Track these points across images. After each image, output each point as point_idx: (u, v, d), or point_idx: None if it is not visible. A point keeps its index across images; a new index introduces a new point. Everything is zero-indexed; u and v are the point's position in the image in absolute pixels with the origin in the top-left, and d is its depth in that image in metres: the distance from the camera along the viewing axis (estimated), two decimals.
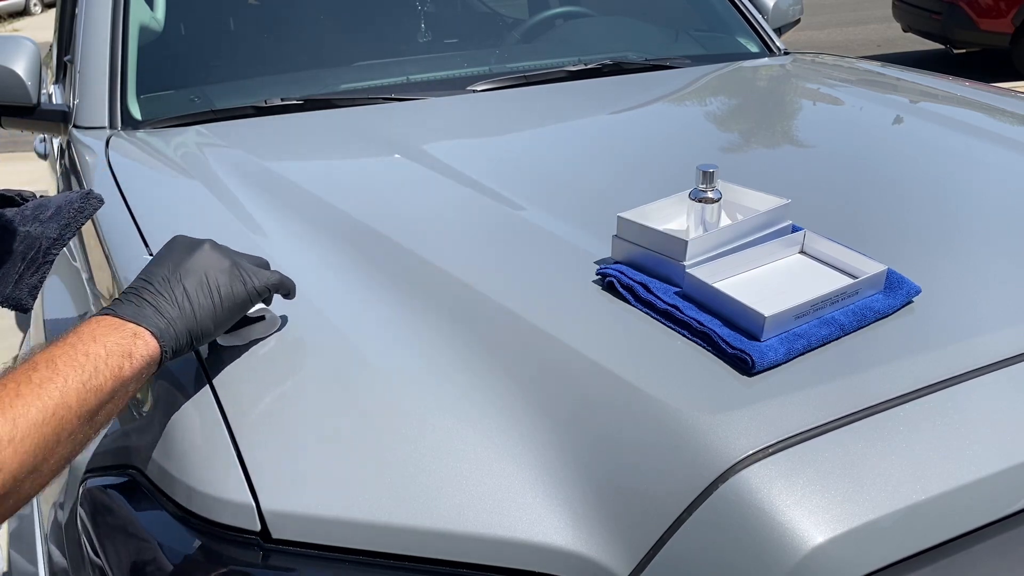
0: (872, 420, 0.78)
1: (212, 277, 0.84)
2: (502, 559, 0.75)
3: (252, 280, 0.86)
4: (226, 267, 0.85)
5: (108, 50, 1.80)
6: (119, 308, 0.79)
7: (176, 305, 0.81)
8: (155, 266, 0.84)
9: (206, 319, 0.82)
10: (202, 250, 0.86)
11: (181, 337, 0.80)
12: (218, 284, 0.84)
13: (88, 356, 0.73)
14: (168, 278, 0.82)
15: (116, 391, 0.74)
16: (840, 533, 0.70)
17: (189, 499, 0.78)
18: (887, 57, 8.29)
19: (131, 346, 0.76)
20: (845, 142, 1.55)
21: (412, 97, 1.82)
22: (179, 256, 0.85)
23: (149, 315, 0.79)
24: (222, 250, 0.87)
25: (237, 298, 0.85)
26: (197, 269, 0.84)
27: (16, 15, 18.49)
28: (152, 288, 0.81)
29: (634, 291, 0.95)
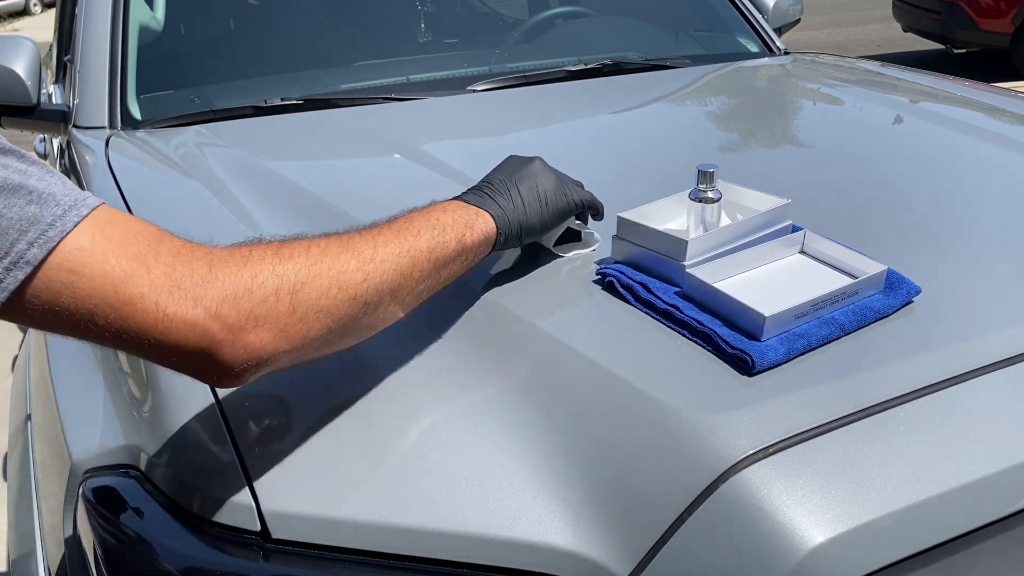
0: (872, 420, 0.78)
1: (541, 185, 0.97)
2: (502, 559, 0.75)
3: (572, 194, 1.00)
4: (552, 179, 0.99)
5: (108, 50, 1.80)
6: (465, 196, 0.93)
7: (511, 201, 0.94)
8: (494, 172, 0.98)
9: (534, 217, 0.95)
10: (534, 163, 0.99)
11: (513, 227, 0.93)
12: (545, 191, 0.97)
13: (438, 220, 0.86)
14: (505, 180, 0.96)
15: (459, 253, 0.87)
16: (840, 533, 0.70)
17: (189, 499, 0.78)
18: (887, 57, 8.29)
19: (473, 220, 0.89)
20: (845, 142, 1.55)
21: (412, 97, 1.82)
22: (515, 165, 0.99)
23: (491, 204, 0.92)
24: (549, 167, 1.01)
25: (560, 204, 0.98)
26: (529, 177, 0.97)
27: (16, 15, 18.50)
28: (492, 186, 0.95)
29: (634, 291, 0.95)
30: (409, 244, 0.82)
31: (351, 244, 0.78)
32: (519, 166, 0.99)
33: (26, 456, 1.25)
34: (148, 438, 0.86)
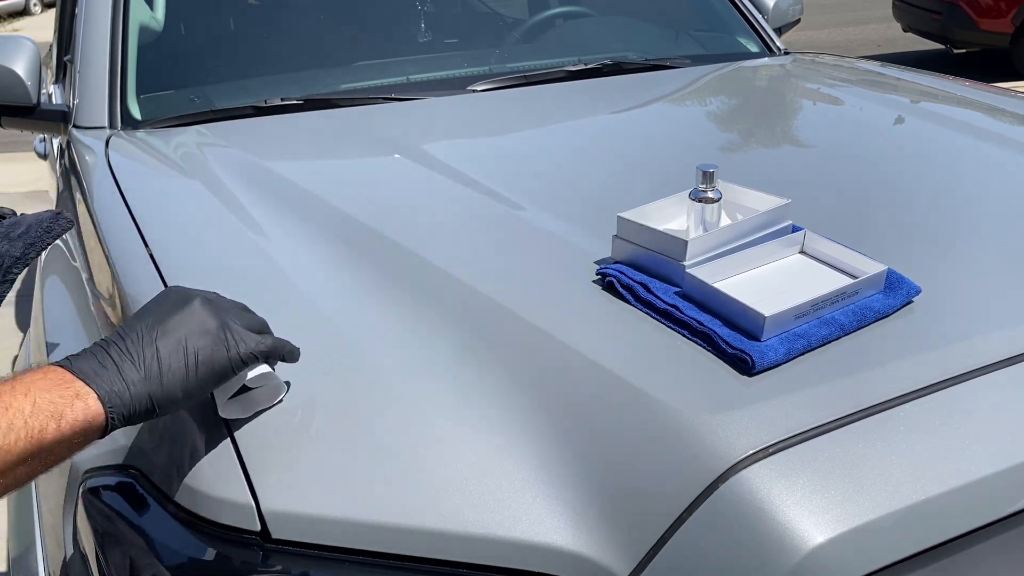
0: (872, 420, 0.78)
1: (193, 340, 0.76)
2: (502, 559, 0.75)
3: (238, 346, 0.77)
4: (212, 328, 0.77)
5: (108, 50, 1.80)
6: (76, 361, 0.73)
7: (142, 367, 0.73)
8: (136, 319, 0.78)
9: (174, 385, 0.74)
10: (190, 307, 0.78)
11: (139, 402, 0.72)
12: (197, 348, 0.76)
13: (8, 409, 0.67)
14: (143, 335, 0.75)
15: (31, 454, 0.67)
16: (840, 533, 0.70)
17: (189, 499, 0.78)
18: (887, 57, 8.29)
19: (65, 407, 0.69)
20: (845, 142, 1.55)
21: (412, 97, 1.82)
22: (163, 312, 0.78)
23: (106, 376, 0.72)
24: (213, 308, 0.79)
25: (215, 364, 0.76)
26: (177, 328, 0.76)
27: (16, 15, 18.49)
28: (122, 345, 0.75)
29: (634, 291, 0.95)
30: None
31: None
32: (168, 311, 0.78)
33: None
34: (148, 438, 0.86)
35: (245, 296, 1.04)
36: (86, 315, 1.18)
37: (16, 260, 0.89)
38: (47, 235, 0.92)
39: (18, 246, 0.90)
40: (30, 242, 0.90)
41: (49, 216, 0.94)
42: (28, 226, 0.92)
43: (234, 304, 0.83)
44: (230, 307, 0.82)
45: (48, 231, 0.92)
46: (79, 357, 0.73)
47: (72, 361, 0.73)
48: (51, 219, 0.94)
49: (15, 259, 0.89)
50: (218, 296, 0.83)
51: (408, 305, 0.99)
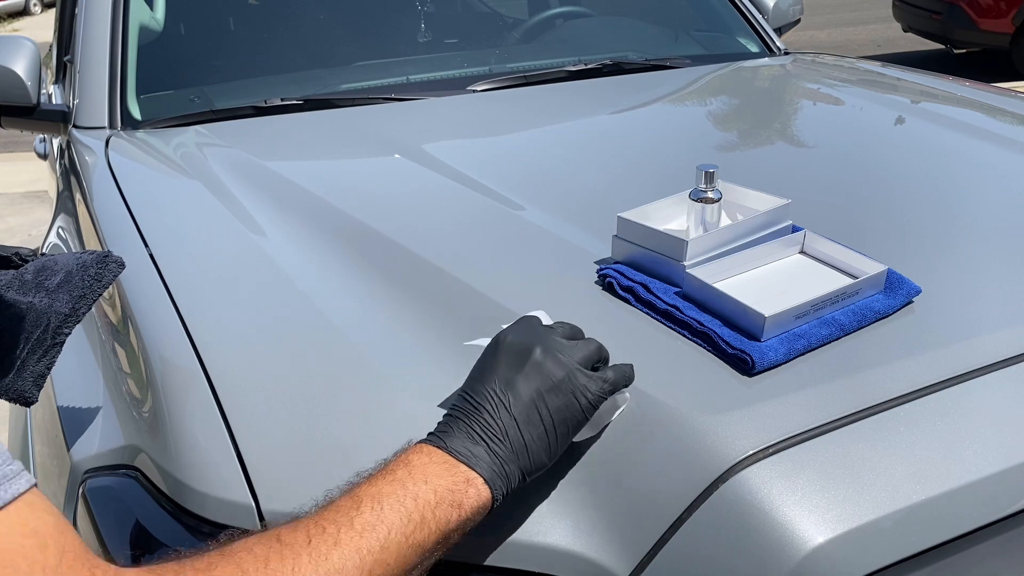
0: (872, 420, 0.78)
1: (545, 401, 0.73)
2: (502, 559, 0.75)
3: (586, 395, 0.75)
4: (558, 381, 0.74)
5: (108, 50, 1.80)
6: (449, 441, 0.71)
7: (509, 441, 0.71)
8: (481, 381, 0.74)
9: (540, 454, 0.72)
10: (532, 361, 0.74)
11: (513, 478, 0.71)
12: (551, 410, 0.73)
13: (417, 501, 0.66)
14: (498, 405, 0.72)
15: (439, 544, 0.67)
16: (840, 533, 0.70)
17: (189, 499, 0.78)
18: (887, 57, 8.29)
19: (463, 495, 0.68)
20: (845, 142, 1.55)
21: (412, 97, 1.82)
22: (508, 370, 0.74)
23: (482, 456, 0.70)
24: (553, 356, 0.75)
25: (571, 421, 0.74)
26: (527, 388, 0.73)
27: (16, 15, 18.49)
28: (482, 419, 0.72)
29: (634, 291, 0.95)
30: (374, 557, 0.63)
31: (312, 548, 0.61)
32: (513, 369, 0.74)
33: (26, 456, 1.25)
34: (148, 438, 0.86)
35: (245, 296, 1.04)
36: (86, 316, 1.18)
37: (65, 318, 0.76)
38: (97, 284, 0.78)
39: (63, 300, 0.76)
40: (78, 295, 0.77)
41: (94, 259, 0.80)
42: (67, 273, 0.78)
43: (560, 333, 0.80)
44: (562, 345, 0.77)
45: (98, 279, 0.79)
46: (448, 435, 0.71)
47: (445, 440, 0.71)
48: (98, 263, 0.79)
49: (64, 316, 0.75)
50: (547, 332, 0.78)
51: (408, 305, 0.99)
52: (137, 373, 0.95)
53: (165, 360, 0.92)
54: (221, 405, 0.84)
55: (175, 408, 0.85)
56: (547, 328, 0.80)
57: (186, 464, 0.80)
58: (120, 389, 0.98)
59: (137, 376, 0.95)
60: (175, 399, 0.86)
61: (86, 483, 0.90)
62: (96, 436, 0.94)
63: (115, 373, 1.02)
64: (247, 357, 0.92)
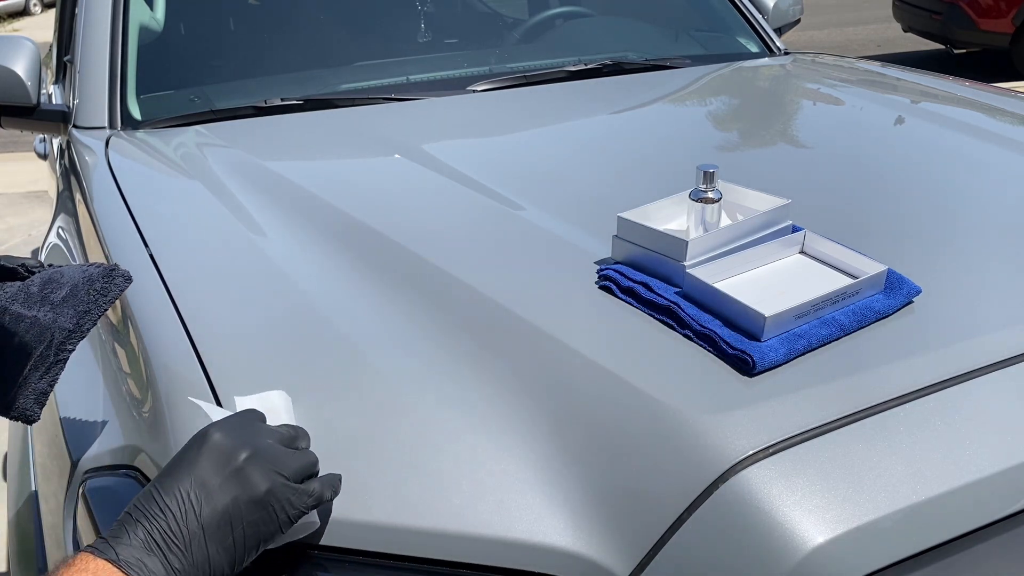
0: (872, 420, 0.78)
1: (243, 513, 0.67)
2: (502, 559, 0.75)
3: (288, 509, 0.69)
4: (259, 495, 0.68)
5: (108, 50, 1.80)
6: (122, 550, 0.64)
7: (191, 553, 0.65)
8: (174, 479, 0.68)
9: (223, 567, 0.66)
10: (236, 467, 0.68)
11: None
12: (244, 523, 0.67)
13: None
14: (187, 509, 0.66)
15: None
16: (840, 533, 0.70)
17: None
18: (887, 57, 8.29)
19: None
20: (845, 142, 1.55)
21: (412, 97, 1.82)
22: (207, 474, 0.67)
23: (156, 569, 0.63)
24: (261, 463, 0.69)
25: (263, 536, 0.69)
26: (225, 500, 0.67)
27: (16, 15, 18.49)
28: (165, 525, 0.65)
29: (634, 292, 0.95)
30: None
31: None
32: (211, 473, 0.67)
33: (26, 456, 1.25)
34: (148, 438, 0.86)
35: (245, 296, 1.04)
36: None
37: (69, 334, 0.74)
38: (103, 298, 0.77)
39: (68, 315, 0.74)
40: (83, 310, 0.75)
41: (100, 272, 0.78)
42: (72, 287, 0.76)
43: (277, 437, 0.73)
44: (274, 452, 0.71)
45: (103, 293, 0.77)
46: (120, 543, 0.64)
47: (116, 550, 0.64)
48: (104, 277, 0.78)
49: (68, 332, 0.74)
50: (261, 434, 0.72)
51: (408, 306, 0.99)
52: (137, 373, 0.95)
53: (165, 360, 0.92)
54: (221, 405, 0.84)
55: (175, 408, 0.85)
56: (264, 428, 0.73)
57: None
58: (120, 389, 0.98)
59: (137, 376, 0.95)
60: (175, 399, 0.86)
61: (86, 483, 0.90)
62: (96, 436, 0.94)
63: (115, 373, 1.02)
64: (247, 357, 0.92)
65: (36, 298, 0.75)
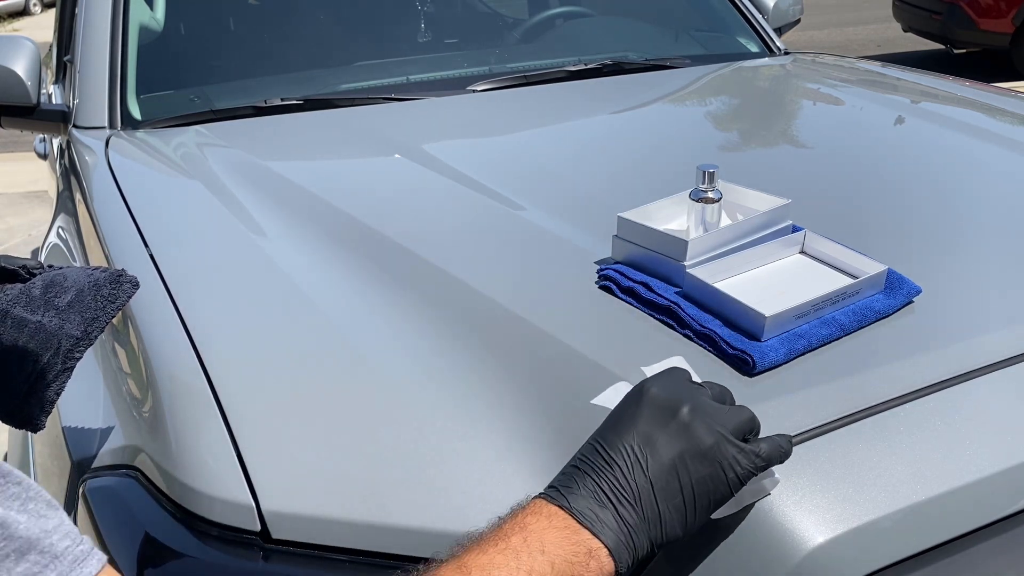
0: (872, 420, 0.78)
1: (690, 468, 0.65)
2: None
3: (734, 468, 0.66)
4: (706, 448, 0.66)
5: (108, 50, 1.80)
6: (572, 500, 0.64)
7: (641, 507, 0.64)
8: (617, 433, 0.67)
9: (674, 527, 0.65)
10: (678, 420, 0.66)
11: (640, 550, 0.64)
12: (693, 479, 0.65)
13: (531, 574, 0.60)
14: (632, 462, 0.65)
15: None
16: (840, 533, 0.70)
17: (189, 499, 0.78)
18: (887, 57, 8.29)
19: (583, 568, 0.61)
20: (845, 142, 1.55)
21: (412, 97, 1.82)
22: (649, 425, 0.66)
23: (608, 522, 0.63)
24: (704, 418, 0.67)
25: (715, 495, 0.66)
26: (672, 453, 0.65)
27: (16, 15, 18.49)
28: (612, 477, 0.64)
29: (634, 292, 0.95)
30: None
31: None
32: (656, 425, 0.67)
33: (26, 456, 1.25)
34: (148, 438, 0.86)
35: (245, 296, 1.04)
36: None
37: (77, 341, 0.72)
38: (111, 305, 0.75)
39: (75, 321, 0.72)
40: (91, 316, 0.73)
41: (107, 278, 0.76)
42: (78, 291, 0.74)
43: (710, 394, 0.71)
44: (713, 408, 0.69)
45: (111, 300, 0.75)
46: (572, 492, 0.64)
47: (568, 499, 0.64)
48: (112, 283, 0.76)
49: (75, 340, 0.72)
50: (697, 391, 0.70)
51: (408, 306, 0.99)
52: (137, 373, 0.95)
53: (165, 360, 0.92)
54: (221, 405, 0.84)
55: (175, 408, 0.85)
56: (697, 386, 0.71)
57: (186, 464, 0.80)
58: (120, 389, 0.98)
59: (137, 376, 0.95)
60: (175, 399, 0.86)
61: (86, 483, 0.90)
62: (96, 436, 0.94)
63: (115, 373, 1.02)
64: (247, 357, 0.92)
65: (39, 302, 0.73)
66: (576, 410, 0.82)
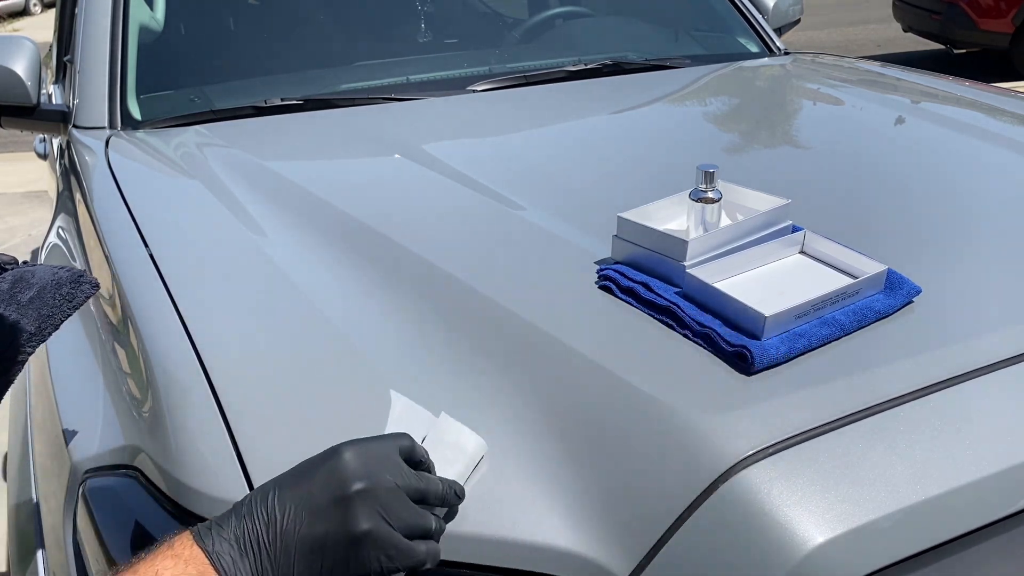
0: (872, 420, 0.78)
1: (330, 545, 0.64)
2: (502, 559, 0.75)
3: (380, 561, 0.65)
4: (355, 534, 0.64)
5: (108, 50, 1.80)
6: (218, 543, 0.64)
7: (278, 566, 0.64)
8: (290, 490, 0.66)
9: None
10: (342, 496, 0.65)
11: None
12: (332, 557, 0.64)
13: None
14: (290, 524, 0.65)
15: None
16: (840, 533, 0.70)
17: (189, 499, 0.78)
18: (887, 57, 8.29)
19: None
20: (845, 142, 1.55)
21: (412, 97, 1.82)
22: (319, 494, 0.65)
23: (244, 572, 0.63)
24: (368, 503, 0.65)
25: None
26: (321, 530, 0.64)
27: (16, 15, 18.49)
28: (266, 530, 0.65)
29: (634, 292, 0.95)
30: None
31: None
32: (321, 495, 0.66)
33: (26, 456, 1.25)
34: (148, 438, 0.86)
35: (245, 296, 1.04)
36: (86, 315, 1.18)
37: (30, 337, 0.73)
38: (67, 304, 0.76)
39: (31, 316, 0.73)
40: (47, 313, 0.75)
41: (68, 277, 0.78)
42: (40, 288, 0.76)
43: (410, 481, 0.69)
44: (391, 496, 0.66)
45: (69, 299, 0.76)
46: (221, 534, 0.64)
47: (214, 541, 0.64)
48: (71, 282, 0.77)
49: (29, 335, 0.73)
50: (390, 470, 0.68)
51: (408, 306, 0.99)
52: (137, 373, 0.95)
53: (165, 360, 0.92)
54: (221, 405, 0.84)
55: (175, 408, 0.85)
56: (399, 467, 0.68)
57: (186, 464, 0.80)
58: (120, 389, 0.98)
59: (137, 376, 0.95)
60: (175, 399, 0.86)
61: (86, 483, 0.90)
62: (96, 436, 0.94)
63: (115, 373, 1.02)
64: (247, 357, 0.92)
65: (5, 295, 0.74)
66: (575, 409, 0.82)
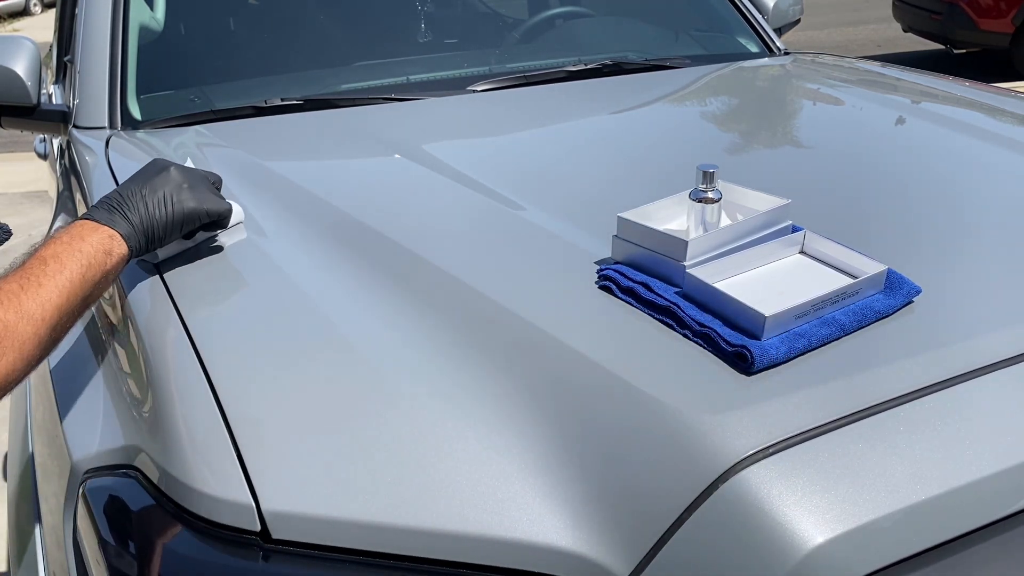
0: (872, 420, 0.78)
1: (171, 194, 1.03)
2: (502, 559, 0.75)
3: (204, 203, 1.05)
4: (185, 186, 1.04)
5: (108, 50, 1.80)
6: (95, 214, 0.98)
7: (139, 214, 0.99)
8: (129, 181, 1.04)
9: (160, 227, 1.01)
10: (168, 172, 1.05)
11: (141, 240, 0.99)
12: (173, 200, 1.02)
13: (81, 252, 0.92)
14: (135, 191, 1.01)
15: (100, 281, 0.93)
16: (840, 533, 0.70)
17: (189, 499, 0.78)
18: (887, 57, 8.29)
19: (109, 245, 0.95)
20: (845, 142, 1.55)
21: (412, 97, 1.82)
22: (149, 173, 1.04)
23: (118, 221, 0.97)
24: (186, 172, 1.06)
25: (187, 212, 1.03)
26: (160, 186, 1.02)
27: (16, 15, 18.49)
28: (121, 198, 1.00)
29: (634, 292, 0.95)
30: (66, 288, 0.89)
31: (25, 289, 0.86)
32: (152, 174, 1.04)
33: (26, 456, 1.25)
34: (148, 438, 0.86)
35: (245, 296, 1.05)
36: (86, 315, 1.18)
37: None
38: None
39: None
40: None
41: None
42: None
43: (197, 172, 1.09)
44: (196, 173, 1.08)
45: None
46: (93, 211, 0.99)
47: (91, 214, 0.98)
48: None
49: None
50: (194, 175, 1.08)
51: (408, 305, 0.99)
52: (137, 373, 0.95)
53: (165, 360, 0.92)
54: (221, 405, 0.84)
55: (175, 408, 0.85)
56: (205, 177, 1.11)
57: (186, 464, 0.80)
58: (120, 389, 0.98)
59: (137, 376, 0.95)
60: (175, 399, 0.86)
61: (86, 483, 0.90)
62: (96, 436, 0.94)
63: (115, 373, 1.02)
64: (247, 357, 0.92)
65: None
66: (575, 409, 0.82)
